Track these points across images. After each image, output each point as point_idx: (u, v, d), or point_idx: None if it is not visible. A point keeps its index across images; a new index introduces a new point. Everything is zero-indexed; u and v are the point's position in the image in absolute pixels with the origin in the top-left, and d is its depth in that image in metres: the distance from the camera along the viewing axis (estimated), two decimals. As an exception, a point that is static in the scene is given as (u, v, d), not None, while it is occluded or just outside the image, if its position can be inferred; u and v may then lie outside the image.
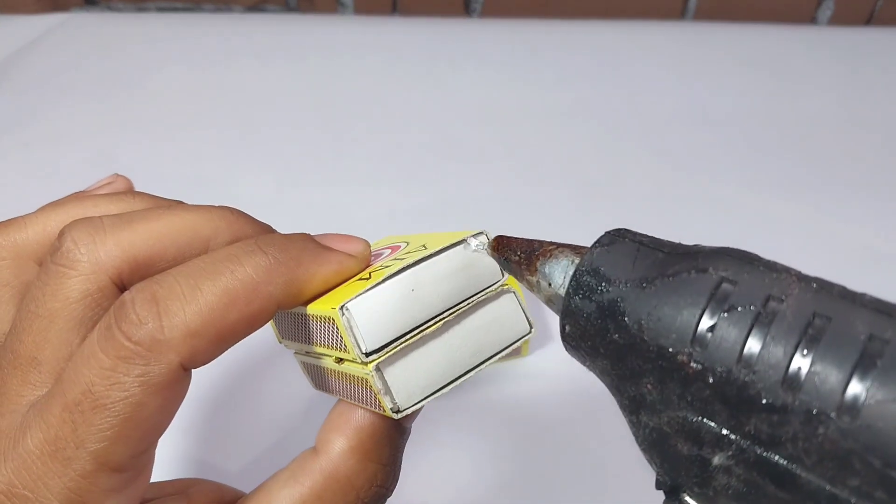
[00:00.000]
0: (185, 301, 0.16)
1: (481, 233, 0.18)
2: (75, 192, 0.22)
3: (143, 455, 0.16)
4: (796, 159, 0.50)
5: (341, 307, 0.16)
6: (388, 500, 0.20)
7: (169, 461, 0.34)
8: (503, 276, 0.18)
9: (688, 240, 0.15)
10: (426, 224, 0.45)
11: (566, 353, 0.17)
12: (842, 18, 0.61)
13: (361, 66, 0.56)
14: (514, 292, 0.19)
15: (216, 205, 0.19)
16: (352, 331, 0.16)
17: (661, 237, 0.15)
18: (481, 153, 0.50)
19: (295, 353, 0.21)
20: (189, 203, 0.19)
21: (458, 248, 0.18)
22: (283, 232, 0.21)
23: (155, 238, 0.17)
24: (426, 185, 0.48)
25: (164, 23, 0.61)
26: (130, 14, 0.62)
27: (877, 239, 0.44)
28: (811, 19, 0.61)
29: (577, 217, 0.45)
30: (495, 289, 0.18)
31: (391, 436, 0.19)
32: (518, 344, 0.19)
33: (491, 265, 0.18)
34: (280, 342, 0.21)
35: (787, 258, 0.49)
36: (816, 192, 0.47)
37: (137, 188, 0.23)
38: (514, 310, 0.19)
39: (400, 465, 0.20)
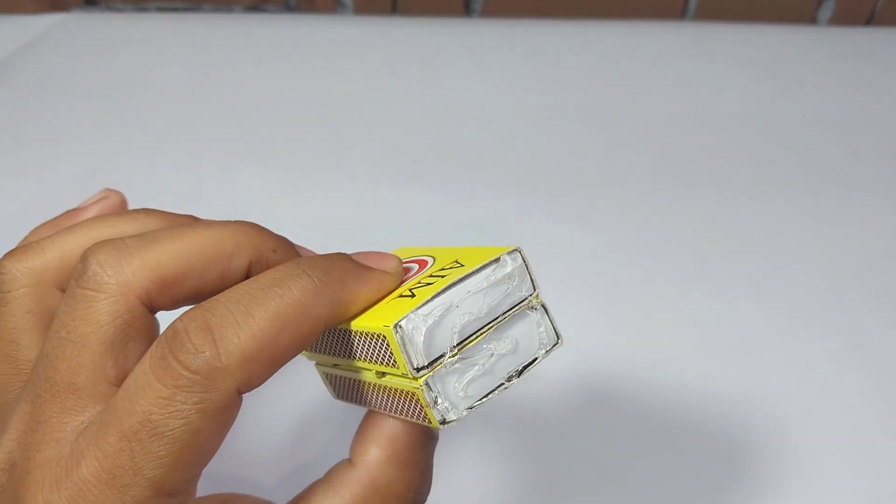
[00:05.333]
0: (239, 328, 0.16)
1: (515, 250, 0.19)
2: (69, 210, 0.22)
3: (196, 478, 0.17)
4: (796, 159, 0.50)
5: (395, 325, 0.17)
6: None
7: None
8: (535, 289, 0.20)
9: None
10: (426, 223, 0.45)
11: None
12: (842, 18, 0.61)
13: (361, 66, 0.56)
14: (545, 305, 0.20)
15: (234, 220, 0.19)
16: (405, 348, 0.17)
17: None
18: (481, 153, 0.50)
19: (317, 364, 0.22)
20: (204, 218, 0.20)
21: (495, 265, 0.19)
22: (294, 240, 0.21)
23: (180, 257, 0.18)
24: (426, 184, 0.48)
25: (164, 23, 0.61)
26: (130, 14, 0.62)
27: (877, 239, 0.44)
28: (811, 19, 0.61)
29: (577, 217, 0.45)
30: (527, 303, 0.20)
31: (424, 442, 0.20)
32: (549, 354, 0.20)
33: (523, 280, 0.19)
34: (302, 354, 0.22)
35: (787, 258, 0.49)
36: (816, 192, 0.47)
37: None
38: (544, 322, 0.20)
39: (432, 470, 0.20)
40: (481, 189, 0.47)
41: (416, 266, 0.21)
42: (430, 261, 0.21)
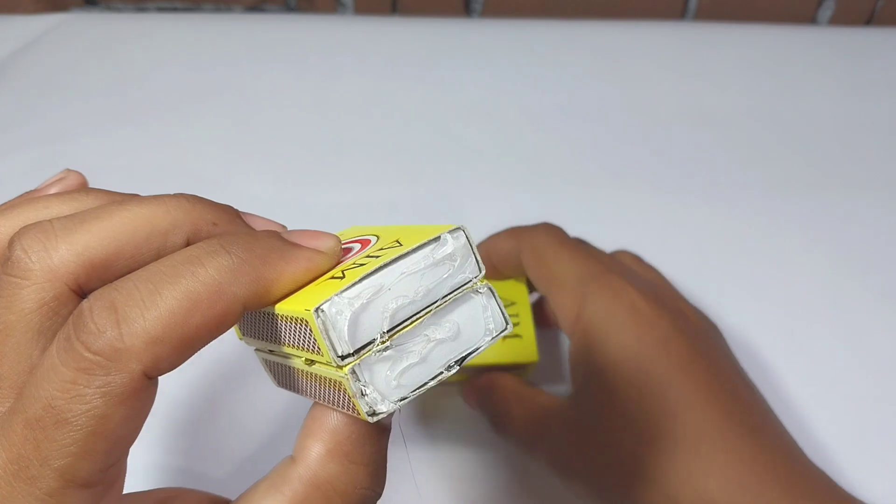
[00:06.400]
0: (145, 307, 0.15)
1: (458, 228, 0.18)
2: (25, 193, 0.21)
3: (112, 468, 0.16)
4: (796, 159, 0.50)
5: (316, 309, 0.16)
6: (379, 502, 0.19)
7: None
8: (480, 271, 0.18)
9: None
10: (425, 223, 0.45)
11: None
12: (842, 18, 0.61)
13: (361, 66, 0.56)
14: (491, 288, 0.18)
15: (172, 194, 0.18)
16: (327, 333, 0.16)
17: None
18: (481, 153, 0.50)
19: (256, 349, 0.21)
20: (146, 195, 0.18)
21: (434, 244, 0.17)
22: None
23: (109, 237, 0.17)
24: (426, 184, 0.48)
25: (164, 23, 0.61)
26: (130, 14, 0.62)
27: (877, 239, 0.44)
28: (811, 19, 0.61)
29: (577, 217, 0.45)
30: (471, 285, 0.18)
31: (370, 434, 0.18)
32: (494, 341, 0.18)
33: (467, 260, 0.18)
34: (240, 339, 0.21)
35: (787, 258, 0.49)
36: (816, 192, 0.47)
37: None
38: (490, 306, 0.18)
39: (385, 465, 0.19)
40: (481, 189, 0.47)
41: (357, 246, 0.19)
42: (374, 240, 0.19)
